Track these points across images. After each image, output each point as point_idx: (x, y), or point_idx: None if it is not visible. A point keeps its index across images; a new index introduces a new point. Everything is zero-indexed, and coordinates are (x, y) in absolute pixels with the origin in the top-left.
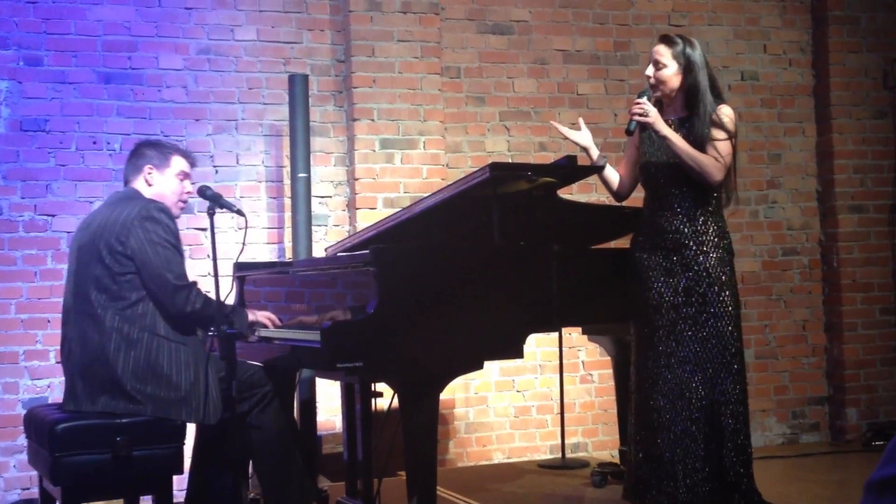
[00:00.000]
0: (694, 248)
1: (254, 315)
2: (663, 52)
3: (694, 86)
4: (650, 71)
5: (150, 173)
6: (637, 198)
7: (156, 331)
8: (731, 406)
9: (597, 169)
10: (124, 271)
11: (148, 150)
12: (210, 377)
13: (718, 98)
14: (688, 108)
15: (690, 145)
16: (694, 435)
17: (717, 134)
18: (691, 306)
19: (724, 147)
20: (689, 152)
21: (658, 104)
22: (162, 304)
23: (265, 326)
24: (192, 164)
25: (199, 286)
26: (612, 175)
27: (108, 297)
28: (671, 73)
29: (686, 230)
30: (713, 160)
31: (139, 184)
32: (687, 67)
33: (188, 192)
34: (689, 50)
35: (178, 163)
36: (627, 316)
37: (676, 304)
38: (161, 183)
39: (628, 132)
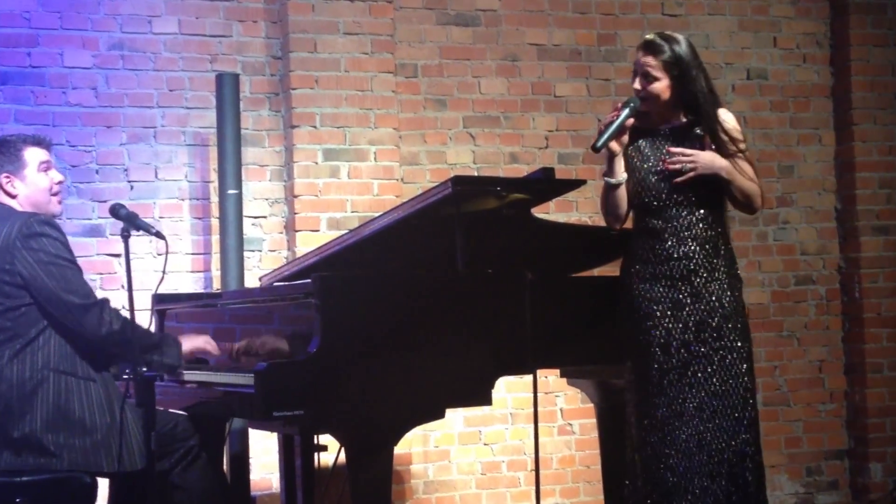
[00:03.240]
0: (705, 275)
1: (190, 342)
2: (652, 64)
3: (692, 93)
4: (638, 84)
5: (8, 182)
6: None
7: (61, 368)
8: (752, 458)
9: (610, 187)
10: (17, 304)
11: None
12: (127, 416)
13: (715, 102)
14: (687, 114)
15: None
16: (716, 494)
17: (738, 150)
18: (704, 343)
19: (750, 165)
20: (742, 184)
21: (639, 115)
22: (71, 332)
23: (205, 354)
24: (49, 148)
25: (112, 304)
26: (624, 195)
27: (2, 339)
28: (663, 87)
29: (697, 256)
30: (756, 186)
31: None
32: (680, 75)
33: (59, 182)
34: (678, 51)
35: (32, 155)
36: (614, 356)
37: (687, 342)
38: (25, 187)
39: (595, 149)
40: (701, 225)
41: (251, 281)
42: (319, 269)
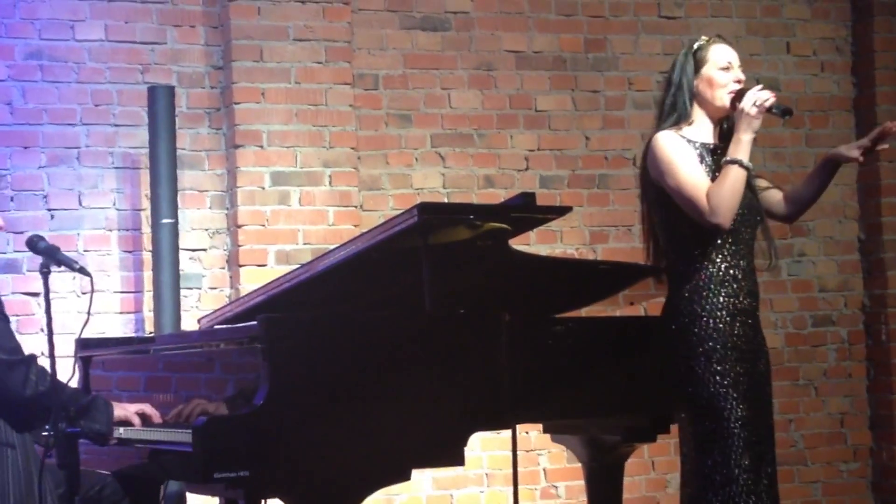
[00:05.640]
0: (758, 311)
1: (123, 410)
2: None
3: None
4: (739, 76)
5: None
6: (613, 248)
7: None
8: None
9: (747, 172)
10: None
11: None
12: (47, 492)
13: None
14: (722, 132)
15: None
16: None
17: None
18: (769, 385)
19: None
20: None
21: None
22: None
23: (133, 426)
24: None
25: (39, 362)
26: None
27: None
28: None
29: (757, 289)
30: None
31: None
32: None
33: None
34: None
35: None
36: (607, 408)
37: (764, 384)
38: None
39: (787, 112)
40: (754, 253)
41: (189, 323)
42: (267, 310)
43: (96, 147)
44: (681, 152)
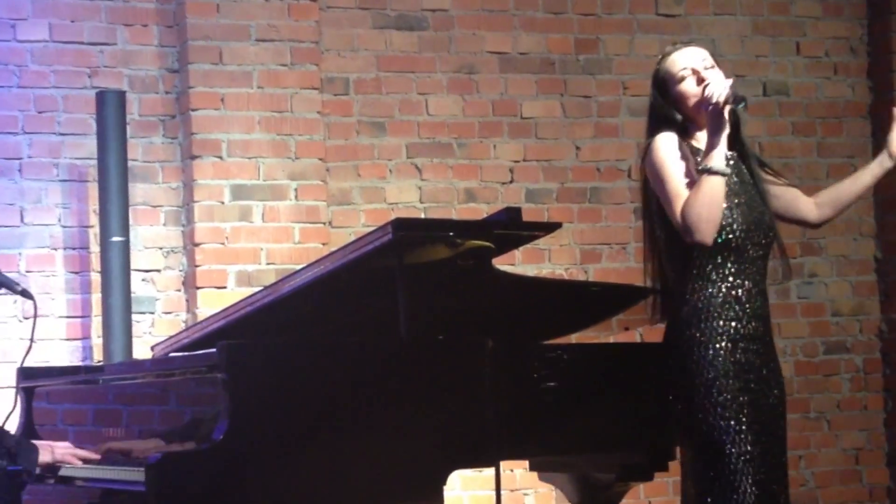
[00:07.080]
0: (770, 336)
1: (50, 452)
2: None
3: None
4: (702, 75)
5: None
6: (606, 268)
7: None
8: None
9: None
10: None
11: None
12: None
13: None
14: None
15: None
16: None
17: None
18: (783, 418)
19: None
20: None
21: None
22: None
23: (66, 465)
24: None
25: None
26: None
27: None
28: None
29: (767, 312)
30: None
31: None
32: None
33: None
34: None
35: None
36: (602, 444)
37: (779, 417)
38: None
39: (739, 101)
40: (765, 274)
41: (141, 351)
42: (227, 336)
43: (40, 158)
44: (673, 158)
